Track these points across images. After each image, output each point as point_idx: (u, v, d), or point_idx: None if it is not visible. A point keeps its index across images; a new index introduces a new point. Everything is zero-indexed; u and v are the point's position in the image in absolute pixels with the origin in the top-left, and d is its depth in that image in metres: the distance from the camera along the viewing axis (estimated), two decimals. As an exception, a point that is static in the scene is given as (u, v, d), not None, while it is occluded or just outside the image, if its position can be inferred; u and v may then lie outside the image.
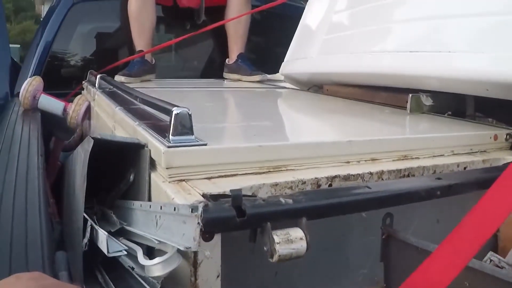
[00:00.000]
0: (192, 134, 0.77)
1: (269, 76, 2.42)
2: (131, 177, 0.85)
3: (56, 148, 2.06)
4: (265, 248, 0.60)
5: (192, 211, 0.55)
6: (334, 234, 0.85)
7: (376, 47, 1.48)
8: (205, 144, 0.76)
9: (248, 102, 1.85)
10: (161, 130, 0.82)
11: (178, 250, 0.61)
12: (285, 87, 2.17)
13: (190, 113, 0.78)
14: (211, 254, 0.62)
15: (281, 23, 2.62)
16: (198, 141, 0.76)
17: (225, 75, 2.55)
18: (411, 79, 1.36)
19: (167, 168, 0.73)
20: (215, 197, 0.65)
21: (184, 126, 0.77)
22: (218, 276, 0.64)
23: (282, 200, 0.63)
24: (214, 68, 2.80)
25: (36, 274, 0.46)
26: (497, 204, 0.66)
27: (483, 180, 0.82)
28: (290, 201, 0.63)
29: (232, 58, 2.50)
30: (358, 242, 0.88)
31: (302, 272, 0.81)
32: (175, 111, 0.77)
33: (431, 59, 1.25)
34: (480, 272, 0.71)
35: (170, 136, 0.76)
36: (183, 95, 1.88)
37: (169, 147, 0.73)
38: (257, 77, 2.39)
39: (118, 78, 2.18)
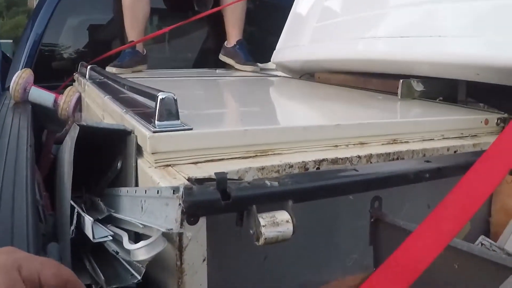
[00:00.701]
0: (178, 119, 0.76)
1: (261, 65, 2.42)
2: (118, 164, 0.85)
3: (49, 141, 2.04)
4: (251, 231, 0.60)
5: (173, 193, 0.54)
6: (324, 218, 0.84)
7: (367, 33, 1.47)
8: (191, 129, 0.75)
9: (238, 90, 1.84)
10: (147, 116, 0.82)
11: (163, 234, 0.61)
12: (277, 76, 2.16)
13: (175, 98, 0.77)
14: (197, 238, 0.62)
15: (274, 11, 2.61)
16: (184, 126, 0.76)
17: (221, 57, 2.54)
18: (402, 65, 1.36)
19: (152, 154, 0.72)
20: (200, 181, 0.65)
21: (170, 111, 0.76)
22: (204, 260, 0.63)
23: (268, 183, 0.62)
24: (207, 58, 2.78)
25: (8, 248, 0.46)
26: (478, 183, 0.66)
27: (473, 163, 0.81)
28: (276, 183, 0.63)
29: (230, 42, 2.49)
30: (349, 226, 0.88)
31: (291, 258, 0.81)
32: (161, 96, 0.76)
33: (421, 44, 1.24)
34: (469, 254, 0.71)
35: (156, 121, 0.75)
36: (173, 84, 1.86)
37: (154, 132, 0.73)
38: (249, 67, 2.38)
39: (109, 69, 2.17)
